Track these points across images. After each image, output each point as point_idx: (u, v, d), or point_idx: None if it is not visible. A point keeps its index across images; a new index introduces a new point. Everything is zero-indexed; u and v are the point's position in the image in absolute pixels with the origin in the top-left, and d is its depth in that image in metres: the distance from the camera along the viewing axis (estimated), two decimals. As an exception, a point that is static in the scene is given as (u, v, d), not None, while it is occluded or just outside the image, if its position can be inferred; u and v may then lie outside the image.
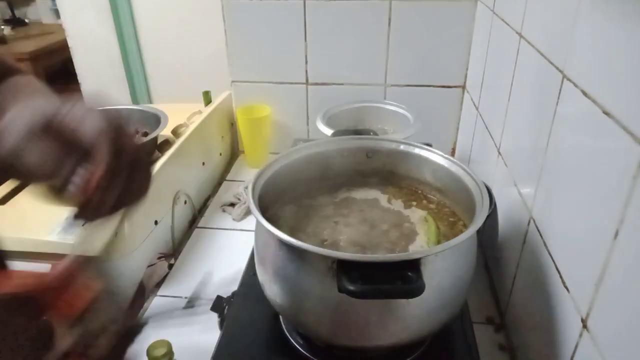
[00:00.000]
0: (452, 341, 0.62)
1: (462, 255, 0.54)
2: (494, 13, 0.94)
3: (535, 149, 0.65)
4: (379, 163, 0.73)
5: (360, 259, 0.48)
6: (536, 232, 0.64)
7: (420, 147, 0.70)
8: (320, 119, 0.99)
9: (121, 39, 1.42)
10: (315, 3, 1.14)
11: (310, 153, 0.70)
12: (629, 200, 0.41)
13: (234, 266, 0.81)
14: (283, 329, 0.63)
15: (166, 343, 0.64)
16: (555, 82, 0.59)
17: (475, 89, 1.09)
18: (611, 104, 0.46)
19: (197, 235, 1.03)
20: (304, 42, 1.19)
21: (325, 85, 1.24)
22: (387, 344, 0.56)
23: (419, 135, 0.92)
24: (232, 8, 1.19)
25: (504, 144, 0.84)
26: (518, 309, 0.72)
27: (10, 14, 2.93)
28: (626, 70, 0.43)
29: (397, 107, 1.07)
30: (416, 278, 0.46)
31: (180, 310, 0.84)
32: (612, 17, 0.47)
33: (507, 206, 0.79)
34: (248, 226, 1.05)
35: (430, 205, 0.70)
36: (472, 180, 0.62)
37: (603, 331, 0.46)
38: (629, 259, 0.42)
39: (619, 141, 0.43)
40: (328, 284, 0.48)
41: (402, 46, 1.17)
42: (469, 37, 1.14)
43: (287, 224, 0.65)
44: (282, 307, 0.58)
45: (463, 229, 0.64)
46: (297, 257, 0.52)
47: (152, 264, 0.94)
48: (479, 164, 1.03)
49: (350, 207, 0.69)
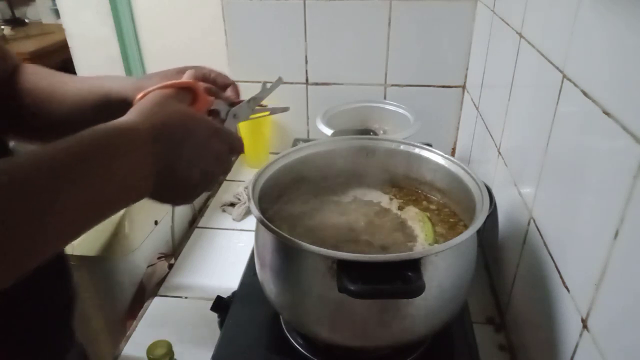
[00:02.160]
0: (452, 341, 0.62)
1: (462, 255, 0.54)
2: (494, 13, 0.94)
3: (535, 149, 0.65)
4: (379, 163, 0.73)
5: (361, 259, 0.48)
6: (536, 232, 0.64)
7: (420, 147, 0.70)
8: (320, 119, 0.99)
9: (121, 39, 1.41)
10: (315, 3, 1.14)
11: (310, 153, 0.70)
12: (629, 200, 0.41)
13: (234, 266, 0.81)
14: (283, 329, 0.63)
15: (166, 343, 0.64)
16: (555, 82, 0.59)
17: (475, 89, 1.09)
18: (611, 104, 0.46)
19: (197, 235, 1.03)
20: (304, 42, 1.19)
21: (325, 85, 1.24)
22: (387, 344, 0.56)
23: (419, 135, 0.92)
24: (232, 8, 1.19)
25: (504, 144, 0.84)
26: (518, 309, 0.72)
27: (10, 14, 2.93)
28: (626, 70, 0.43)
29: (397, 107, 1.07)
30: (416, 278, 0.46)
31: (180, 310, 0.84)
32: (612, 17, 0.47)
33: (507, 206, 0.79)
34: (248, 226, 1.05)
35: (430, 206, 0.70)
36: (472, 180, 0.62)
37: (603, 331, 0.46)
38: (629, 259, 0.42)
39: (619, 141, 0.43)
40: (328, 284, 0.48)
41: (402, 46, 1.17)
42: (469, 37, 1.14)
43: (287, 224, 0.65)
44: (282, 307, 0.58)
45: (463, 229, 0.64)
46: (297, 257, 0.52)
47: (152, 264, 0.94)
48: (479, 164, 1.03)
49: (350, 207, 0.69)
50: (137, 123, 0.40)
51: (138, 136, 0.39)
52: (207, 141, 0.44)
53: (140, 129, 0.40)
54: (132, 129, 0.39)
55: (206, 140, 0.44)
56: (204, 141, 0.44)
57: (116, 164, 0.37)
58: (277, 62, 1.22)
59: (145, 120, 0.40)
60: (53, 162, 0.33)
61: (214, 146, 0.45)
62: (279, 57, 1.22)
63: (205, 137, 0.44)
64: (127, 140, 0.38)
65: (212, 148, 0.45)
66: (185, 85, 0.49)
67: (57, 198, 0.32)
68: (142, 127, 0.40)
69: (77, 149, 0.35)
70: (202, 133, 0.44)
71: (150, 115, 0.41)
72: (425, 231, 0.64)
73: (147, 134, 0.40)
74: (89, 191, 0.34)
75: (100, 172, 0.35)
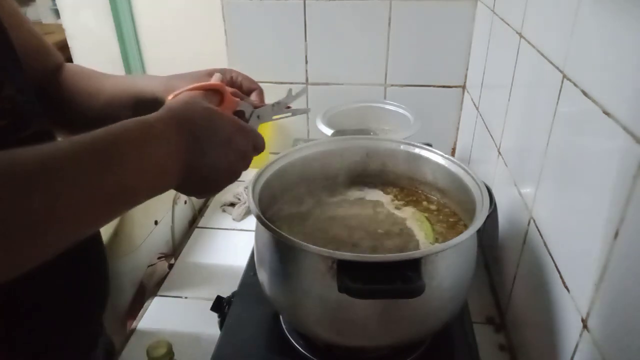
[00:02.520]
0: (452, 341, 0.62)
1: (462, 255, 0.54)
2: (494, 13, 0.94)
3: (535, 149, 0.65)
4: (379, 163, 0.73)
5: (361, 259, 0.48)
6: (536, 232, 0.64)
7: (420, 147, 0.70)
8: (320, 119, 0.99)
9: (121, 39, 1.41)
10: (315, 3, 1.14)
11: (310, 153, 0.70)
12: (629, 200, 0.41)
13: (234, 266, 0.81)
14: (283, 329, 0.63)
15: (166, 343, 0.64)
16: (555, 82, 0.59)
17: (475, 89, 1.09)
18: (611, 104, 0.46)
19: (197, 235, 1.03)
20: (304, 42, 1.19)
21: (325, 85, 1.24)
22: (387, 344, 0.56)
23: (419, 135, 0.92)
24: (232, 8, 1.19)
25: (504, 144, 0.84)
26: (518, 309, 0.72)
27: (10, 14, 2.93)
28: (626, 70, 0.43)
29: (397, 107, 1.07)
30: (416, 278, 0.46)
31: (180, 310, 0.84)
32: (612, 17, 0.47)
33: (507, 206, 0.79)
34: (248, 226, 1.05)
35: (430, 206, 0.70)
36: (472, 180, 0.62)
37: (603, 331, 0.46)
38: (629, 259, 0.42)
39: (619, 141, 0.43)
40: (328, 284, 0.48)
41: (402, 46, 1.17)
42: (469, 37, 1.14)
43: (287, 224, 0.65)
44: (282, 307, 0.58)
45: (463, 229, 0.64)
46: (297, 257, 0.52)
47: (152, 264, 0.94)
48: (479, 164, 1.03)
49: (350, 207, 0.69)
50: (165, 118, 0.42)
51: (166, 129, 0.41)
52: (232, 138, 0.46)
53: (169, 124, 0.42)
54: (161, 123, 0.41)
55: (231, 136, 0.46)
56: (229, 137, 0.46)
57: (143, 154, 0.38)
58: (277, 62, 1.22)
59: (173, 116, 0.43)
60: (81, 149, 0.35)
61: (239, 142, 0.47)
62: (279, 57, 1.22)
63: (230, 134, 0.46)
64: (157, 132, 0.40)
65: (237, 144, 0.47)
66: (213, 87, 0.52)
67: (87, 184, 0.33)
68: (170, 122, 0.42)
69: (106, 138, 0.37)
70: (228, 130, 0.46)
71: (178, 112, 0.43)
72: (425, 230, 0.64)
73: (174, 128, 0.42)
74: (114, 179, 0.35)
75: (127, 162, 0.37)
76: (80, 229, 0.34)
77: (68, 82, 0.61)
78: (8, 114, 0.44)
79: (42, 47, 0.60)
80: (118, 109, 0.58)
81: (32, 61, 0.55)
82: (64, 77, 0.61)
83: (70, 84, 0.61)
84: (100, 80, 0.62)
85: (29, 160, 0.31)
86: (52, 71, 0.61)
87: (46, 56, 0.61)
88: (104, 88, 0.60)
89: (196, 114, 0.44)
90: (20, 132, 0.46)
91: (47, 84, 0.60)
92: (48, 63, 0.61)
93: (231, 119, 0.47)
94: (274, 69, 1.23)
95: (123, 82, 0.61)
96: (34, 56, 0.57)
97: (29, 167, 0.30)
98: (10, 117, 0.45)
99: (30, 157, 0.31)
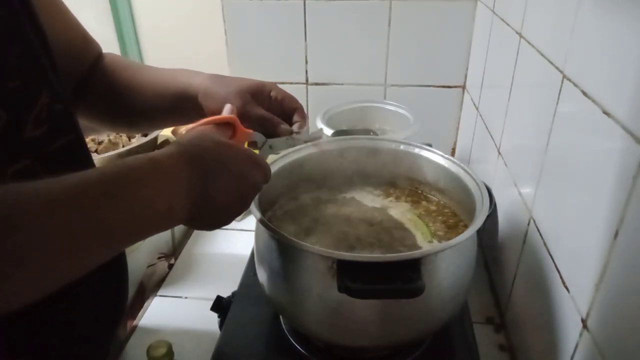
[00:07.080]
0: (452, 341, 0.62)
1: (462, 255, 0.54)
2: (494, 13, 0.94)
3: (535, 149, 0.65)
4: (379, 163, 0.73)
5: (361, 259, 0.48)
6: (536, 232, 0.64)
7: (420, 147, 0.70)
8: (320, 119, 0.99)
9: (121, 39, 1.41)
10: (315, 3, 1.14)
11: (310, 153, 0.70)
12: (629, 200, 0.41)
13: (234, 266, 0.81)
14: (283, 329, 0.63)
15: (166, 343, 0.64)
16: (555, 82, 0.59)
17: (475, 89, 1.09)
18: (611, 104, 0.46)
19: (197, 235, 1.03)
20: (304, 42, 1.19)
21: (325, 85, 1.24)
22: (387, 344, 0.56)
23: (419, 135, 0.92)
24: (232, 8, 1.19)
25: (504, 144, 0.84)
26: (518, 309, 0.72)
27: (10, 14, 2.93)
28: (626, 69, 0.43)
29: (397, 107, 1.07)
30: (416, 278, 0.46)
31: (180, 310, 0.84)
32: (612, 16, 0.47)
33: (507, 206, 0.79)
34: (248, 226, 1.05)
35: (430, 206, 0.70)
36: (472, 180, 0.62)
37: (603, 331, 0.46)
38: (629, 259, 0.42)
39: (619, 141, 0.43)
40: (328, 284, 0.48)
41: (402, 46, 1.17)
42: (469, 37, 1.14)
43: (287, 224, 0.65)
44: (282, 307, 0.58)
45: (463, 229, 0.64)
46: (297, 257, 0.52)
47: (152, 264, 0.94)
48: (479, 164, 1.03)
49: (350, 207, 0.69)
50: (175, 155, 0.41)
51: (175, 167, 0.40)
52: (244, 170, 0.45)
53: (178, 161, 0.41)
54: (170, 160, 0.40)
55: (243, 169, 0.45)
56: (242, 171, 0.45)
57: (150, 193, 0.37)
58: (277, 62, 1.22)
59: (182, 153, 0.41)
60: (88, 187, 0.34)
61: (251, 175, 0.46)
62: (279, 57, 1.22)
63: (243, 167, 0.45)
64: (165, 169, 0.39)
65: (248, 177, 0.46)
66: (226, 120, 0.52)
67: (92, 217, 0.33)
68: (179, 159, 0.41)
69: (113, 177, 0.36)
70: (240, 163, 0.45)
71: (188, 148, 0.42)
72: (421, 230, 0.64)
73: (183, 166, 0.40)
74: (119, 217, 0.34)
75: (133, 202, 0.36)
76: (82, 264, 0.33)
77: (108, 74, 0.60)
78: (43, 122, 0.44)
79: (81, 38, 0.59)
80: (159, 105, 0.59)
81: (72, 54, 0.54)
82: (104, 68, 0.60)
83: (110, 76, 0.60)
84: (139, 72, 0.61)
85: (32, 200, 0.30)
86: (92, 62, 0.60)
87: (85, 47, 0.59)
88: (144, 81, 0.60)
89: (206, 149, 0.43)
90: (54, 141, 0.45)
91: (87, 75, 0.59)
92: (87, 54, 0.59)
93: (243, 151, 0.47)
94: (274, 69, 1.23)
95: (163, 77, 0.60)
96: (74, 49, 0.56)
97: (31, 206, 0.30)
98: (46, 126, 0.44)
99: (33, 194, 0.30)
